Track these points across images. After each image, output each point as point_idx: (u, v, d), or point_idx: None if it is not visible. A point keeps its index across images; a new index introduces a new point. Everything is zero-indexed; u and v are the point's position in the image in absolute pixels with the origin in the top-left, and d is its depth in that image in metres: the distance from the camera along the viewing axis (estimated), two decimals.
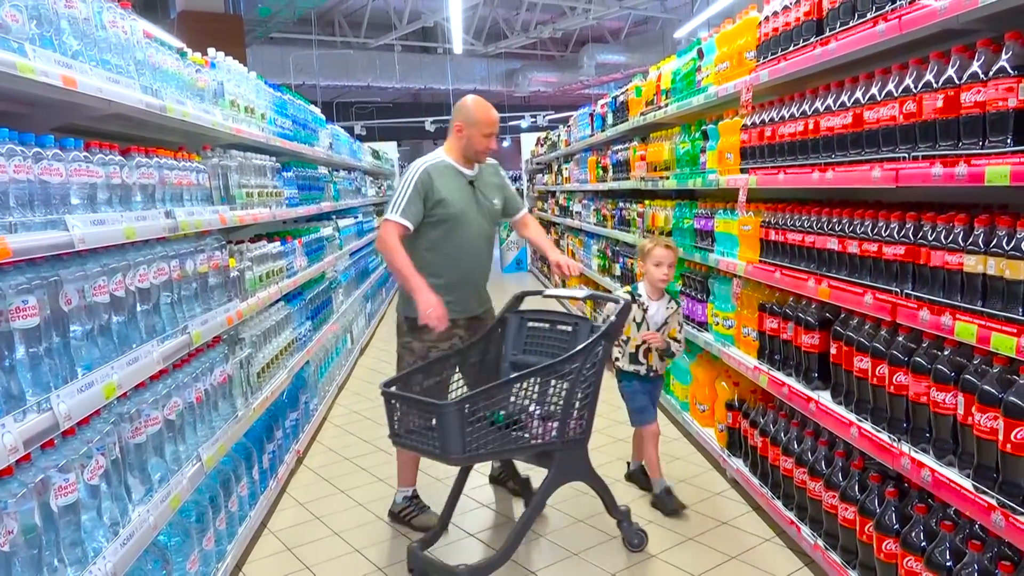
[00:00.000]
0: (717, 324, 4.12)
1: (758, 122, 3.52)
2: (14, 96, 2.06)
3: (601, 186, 7.40)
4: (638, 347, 3.71)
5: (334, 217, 6.85)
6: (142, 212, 2.58)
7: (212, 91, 3.51)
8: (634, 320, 3.69)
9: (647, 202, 5.70)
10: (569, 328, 3.44)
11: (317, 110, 6.49)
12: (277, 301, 4.43)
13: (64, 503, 1.89)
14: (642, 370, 3.75)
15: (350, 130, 12.27)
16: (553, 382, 3.08)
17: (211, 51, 3.77)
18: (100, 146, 2.36)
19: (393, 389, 3.12)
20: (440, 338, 3.51)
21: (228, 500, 3.23)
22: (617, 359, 3.81)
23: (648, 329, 3.70)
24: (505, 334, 3.60)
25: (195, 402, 2.90)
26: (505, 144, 24.63)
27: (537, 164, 13.96)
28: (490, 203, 3.71)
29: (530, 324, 3.59)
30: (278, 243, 4.44)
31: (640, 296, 3.74)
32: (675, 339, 3.78)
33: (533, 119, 23.30)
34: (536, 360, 3.38)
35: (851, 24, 2.71)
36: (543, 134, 14.08)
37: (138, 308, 2.51)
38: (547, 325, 3.54)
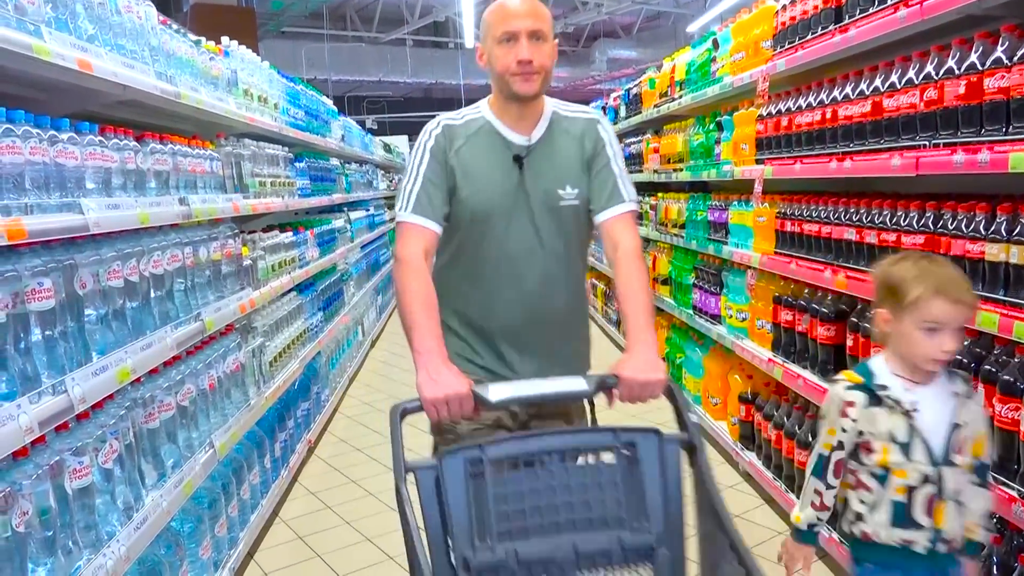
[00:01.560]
0: (730, 317, 4.09)
1: (774, 112, 3.46)
2: (30, 80, 2.06)
3: None
4: (911, 490, 1.76)
5: (346, 209, 6.85)
6: (156, 198, 2.58)
7: (226, 79, 3.51)
8: (891, 439, 1.77)
9: (660, 194, 5.68)
10: (610, 452, 1.59)
11: (329, 102, 6.48)
12: (289, 291, 4.43)
13: (78, 486, 1.89)
14: (920, 542, 1.76)
15: (361, 124, 12.22)
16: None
17: (225, 39, 3.76)
18: (115, 131, 2.35)
19: None
20: (468, 435, 1.98)
21: (240, 488, 3.23)
22: (859, 517, 1.83)
23: (925, 448, 1.75)
24: (434, 514, 1.53)
25: (208, 389, 2.90)
26: None
27: None
28: (548, 194, 2.02)
29: (503, 470, 1.55)
30: (290, 233, 4.44)
31: (885, 388, 1.80)
32: (981, 460, 1.80)
33: None
34: (560, 548, 1.50)
35: (871, 11, 2.68)
36: None
37: (152, 294, 2.50)
38: (551, 462, 1.56)
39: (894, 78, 2.55)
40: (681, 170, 5.07)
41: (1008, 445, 2.00)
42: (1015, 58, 1.98)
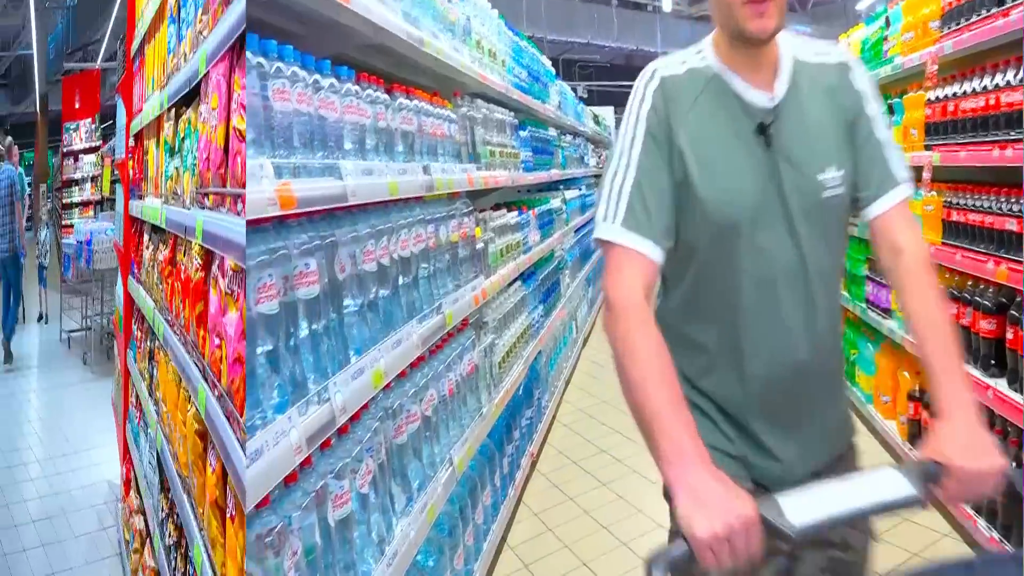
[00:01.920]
0: (901, 311, 3.69)
1: (941, 96, 3.62)
2: (293, 9, 1.90)
3: None
4: None
5: (561, 187, 6.60)
6: (403, 165, 2.38)
7: (461, 27, 3.30)
8: None
9: None
10: None
11: (547, 62, 6.24)
12: (515, 280, 4.21)
13: (339, 516, 1.69)
14: None
15: (573, 91, 11.59)
16: None
17: None
18: (368, 79, 2.17)
19: None
20: None
21: (475, 511, 3.03)
22: None
23: None
24: None
25: (447, 395, 2.69)
26: None
27: None
28: (806, 181, 1.48)
29: None
30: (515, 213, 4.21)
31: None
32: None
33: None
34: None
35: None
36: None
37: (400, 280, 2.31)
38: None
39: None
40: None
41: None
42: None
